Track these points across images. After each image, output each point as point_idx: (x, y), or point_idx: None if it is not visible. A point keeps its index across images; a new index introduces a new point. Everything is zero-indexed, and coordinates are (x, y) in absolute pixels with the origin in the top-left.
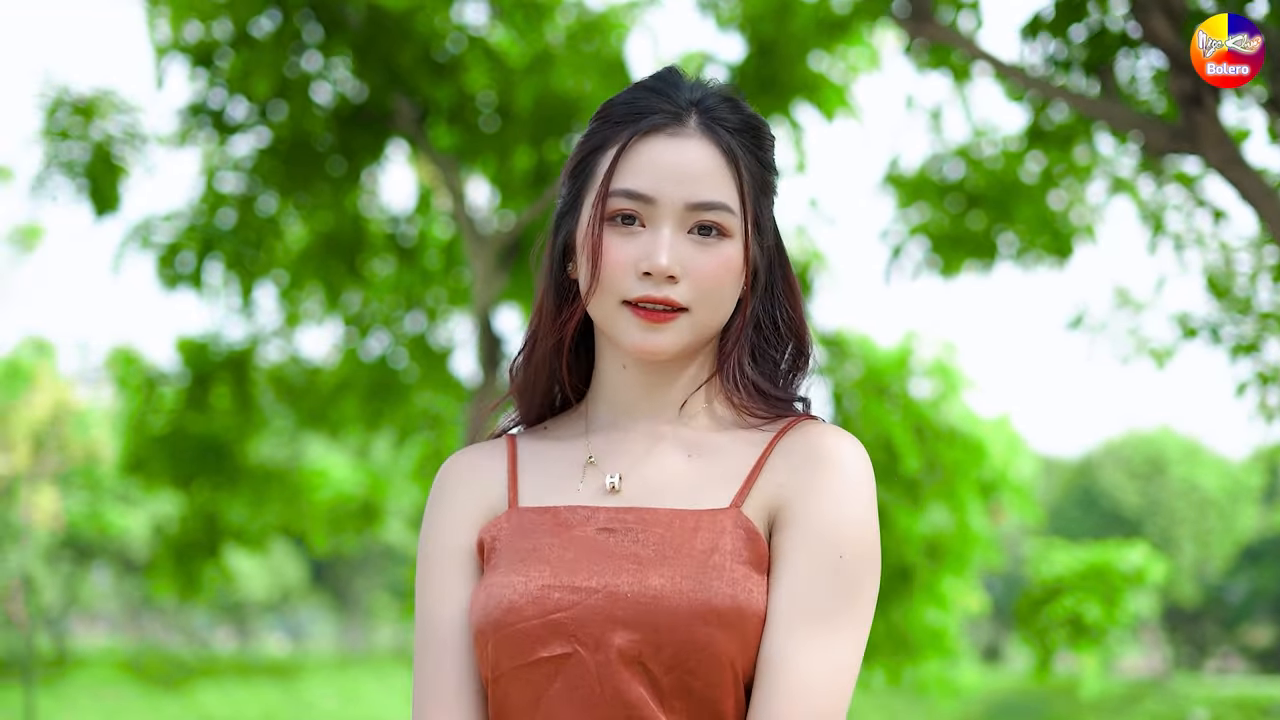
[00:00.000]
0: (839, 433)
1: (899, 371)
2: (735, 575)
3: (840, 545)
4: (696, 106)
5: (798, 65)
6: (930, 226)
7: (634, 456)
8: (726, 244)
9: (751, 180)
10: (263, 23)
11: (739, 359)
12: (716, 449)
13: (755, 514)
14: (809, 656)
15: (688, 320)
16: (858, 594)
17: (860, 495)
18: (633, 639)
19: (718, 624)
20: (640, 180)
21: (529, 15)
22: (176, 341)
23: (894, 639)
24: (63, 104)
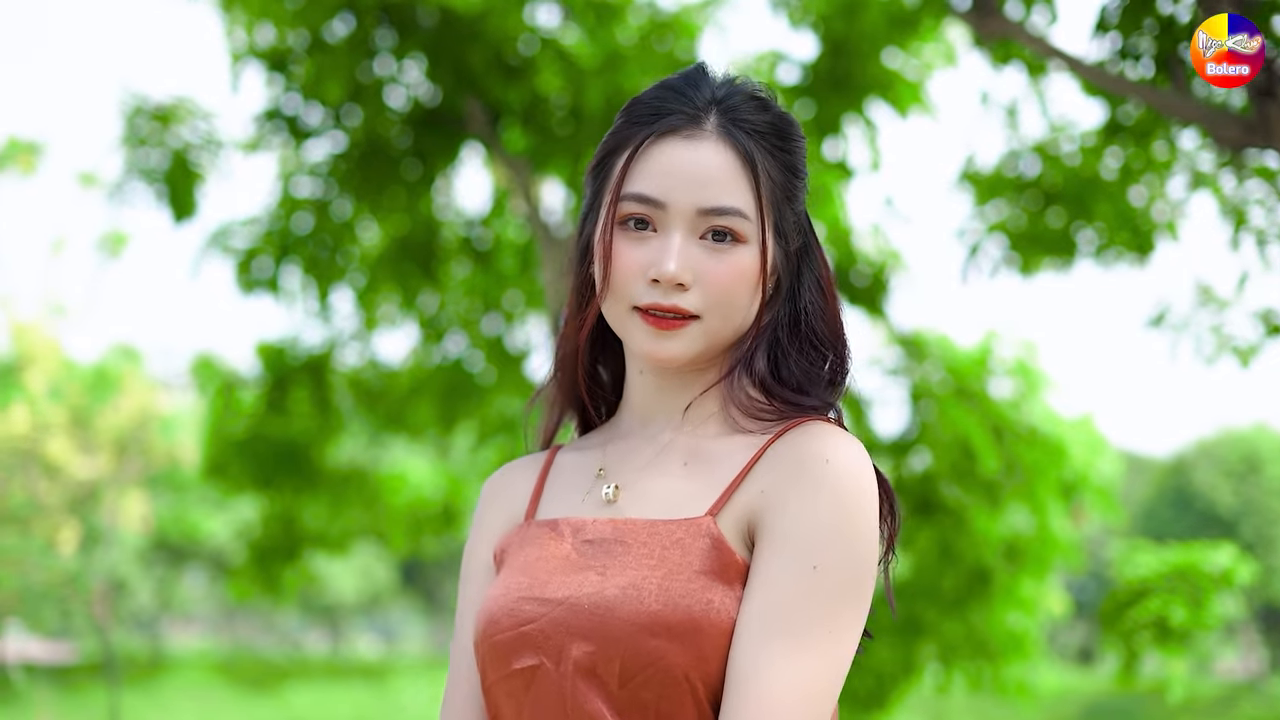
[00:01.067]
0: (832, 436)
1: (979, 372)
2: (692, 587)
3: (814, 555)
4: (718, 106)
5: (870, 63)
6: (1008, 224)
7: (638, 466)
8: (741, 250)
9: (771, 184)
10: (336, 27)
11: (748, 365)
12: (714, 456)
13: (732, 522)
14: (778, 672)
15: (699, 328)
16: (834, 608)
17: (841, 503)
18: (588, 651)
19: (667, 636)
20: (651, 184)
21: (600, 16)
22: (256, 346)
23: (973, 642)
24: (142, 112)
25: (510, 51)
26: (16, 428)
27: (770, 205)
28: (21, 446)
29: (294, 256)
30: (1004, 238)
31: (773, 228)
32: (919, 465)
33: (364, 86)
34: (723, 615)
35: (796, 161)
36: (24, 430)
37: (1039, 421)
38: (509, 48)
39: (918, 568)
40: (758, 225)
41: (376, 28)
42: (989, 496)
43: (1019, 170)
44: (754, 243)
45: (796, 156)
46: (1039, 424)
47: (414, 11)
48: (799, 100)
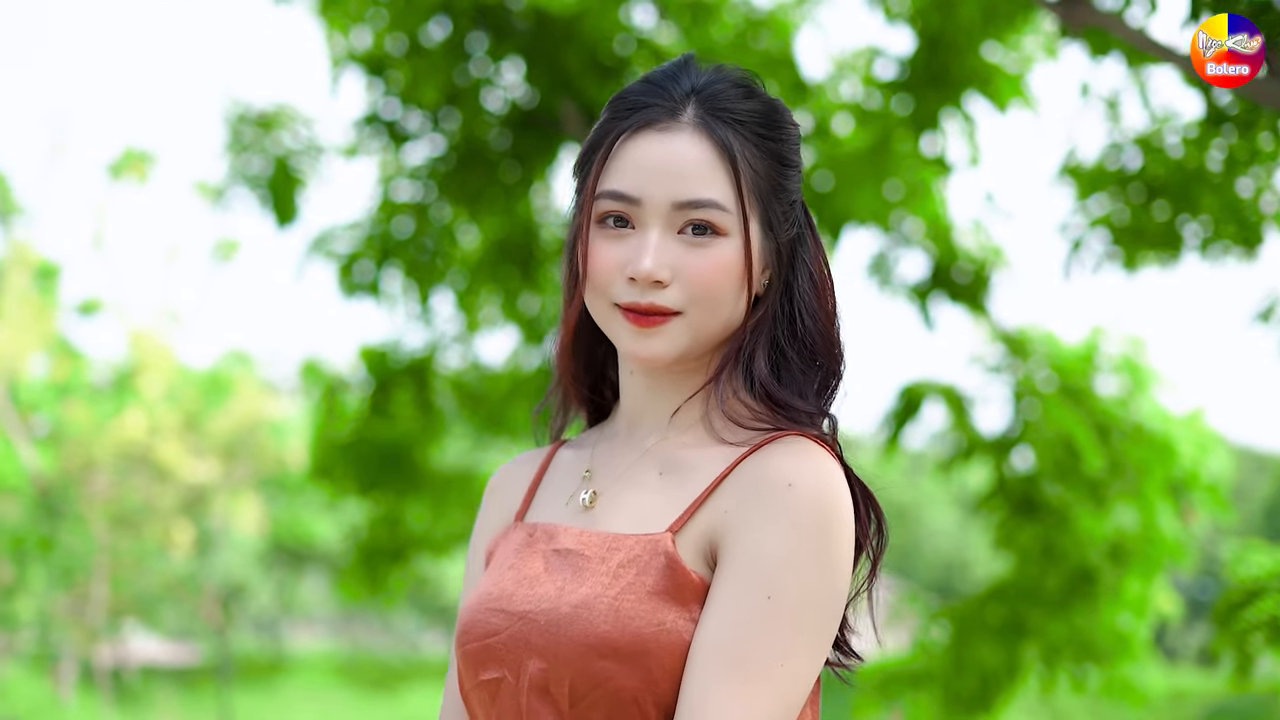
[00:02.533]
0: (802, 456)
1: (1084, 369)
2: (643, 608)
3: (769, 585)
4: (697, 96)
5: (968, 56)
6: (1111, 219)
7: (618, 472)
8: (721, 244)
9: (753, 174)
10: (432, 31)
11: (746, 367)
12: (687, 467)
13: (693, 541)
14: (726, 705)
15: (682, 323)
16: (788, 640)
17: (801, 531)
18: (542, 668)
19: (614, 657)
20: (626, 180)
21: (696, 15)
22: (359, 350)
23: (1076, 643)
24: (245, 119)
25: (605, 52)
26: (131, 432)
27: (754, 196)
28: (135, 451)
29: (395, 260)
30: (1107, 232)
31: (758, 219)
32: (1021, 464)
33: (461, 90)
34: (674, 637)
35: (784, 150)
36: (138, 435)
37: (1146, 419)
38: (604, 48)
39: (1020, 568)
40: (738, 217)
41: (472, 30)
42: (1094, 495)
43: (1121, 163)
44: (736, 235)
45: (785, 145)
46: (1146, 421)
47: (509, 14)
48: (896, 96)
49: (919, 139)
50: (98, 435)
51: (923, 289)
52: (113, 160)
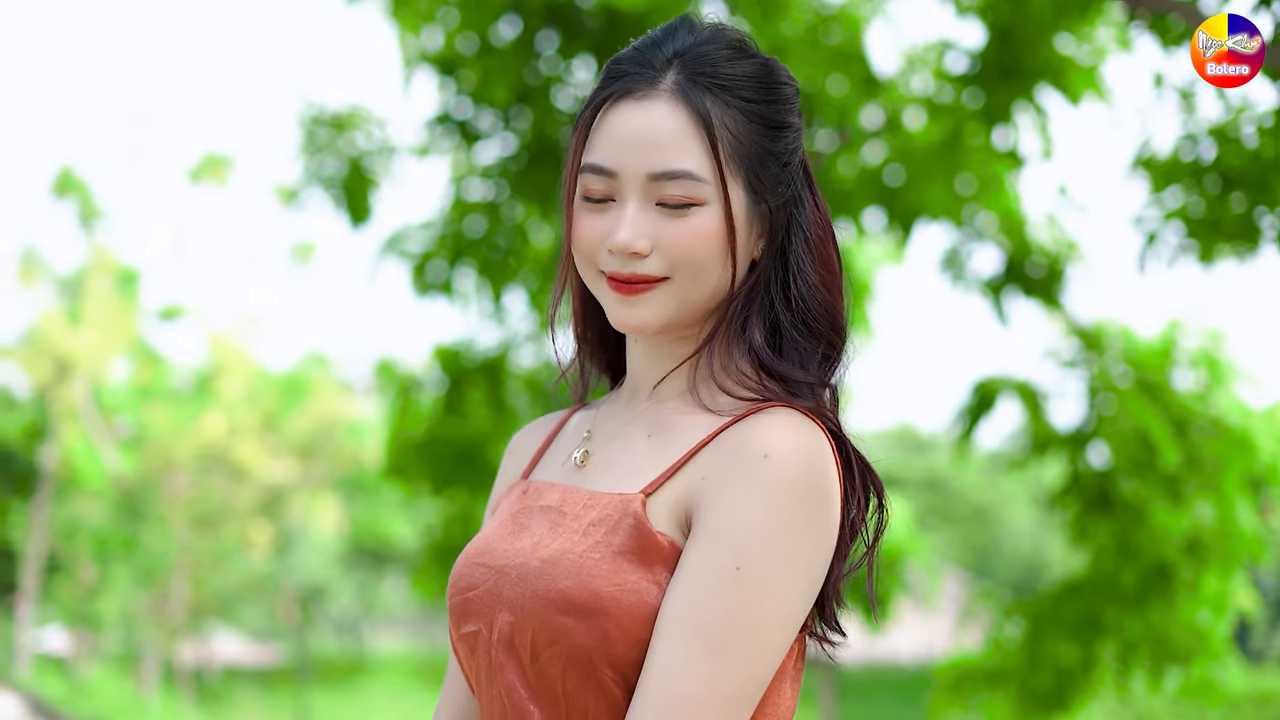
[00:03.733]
0: (784, 427)
1: (1162, 363)
2: (604, 567)
3: (739, 556)
4: (680, 60)
5: (1041, 48)
6: (1186, 210)
7: (611, 433)
8: (700, 212)
9: (735, 140)
10: (503, 30)
11: (740, 333)
12: (675, 431)
13: (667, 505)
14: (688, 672)
15: (668, 290)
16: (755, 611)
17: (775, 502)
18: (509, 622)
19: (573, 614)
20: (603, 154)
21: (766, 10)
22: (433, 349)
23: (1153, 640)
24: (319, 120)
25: None
26: (210, 434)
27: (735, 162)
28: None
29: (467, 259)
30: (1182, 225)
31: (743, 185)
32: (1096, 459)
33: (532, 88)
34: (634, 598)
35: (773, 112)
36: (217, 436)
37: (1225, 413)
38: None
39: (1095, 564)
40: (716, 185)
41: (541, 29)
42: (1170, 491)
43: (1196, 154)
44: (715, 204)
45: (774, 106)
46: (1225, 415)
47: (578, 12)
48: (967, 89)
49: (991, 133)
50: (178, 437)
51: (996, 284)
52: (192, 165)
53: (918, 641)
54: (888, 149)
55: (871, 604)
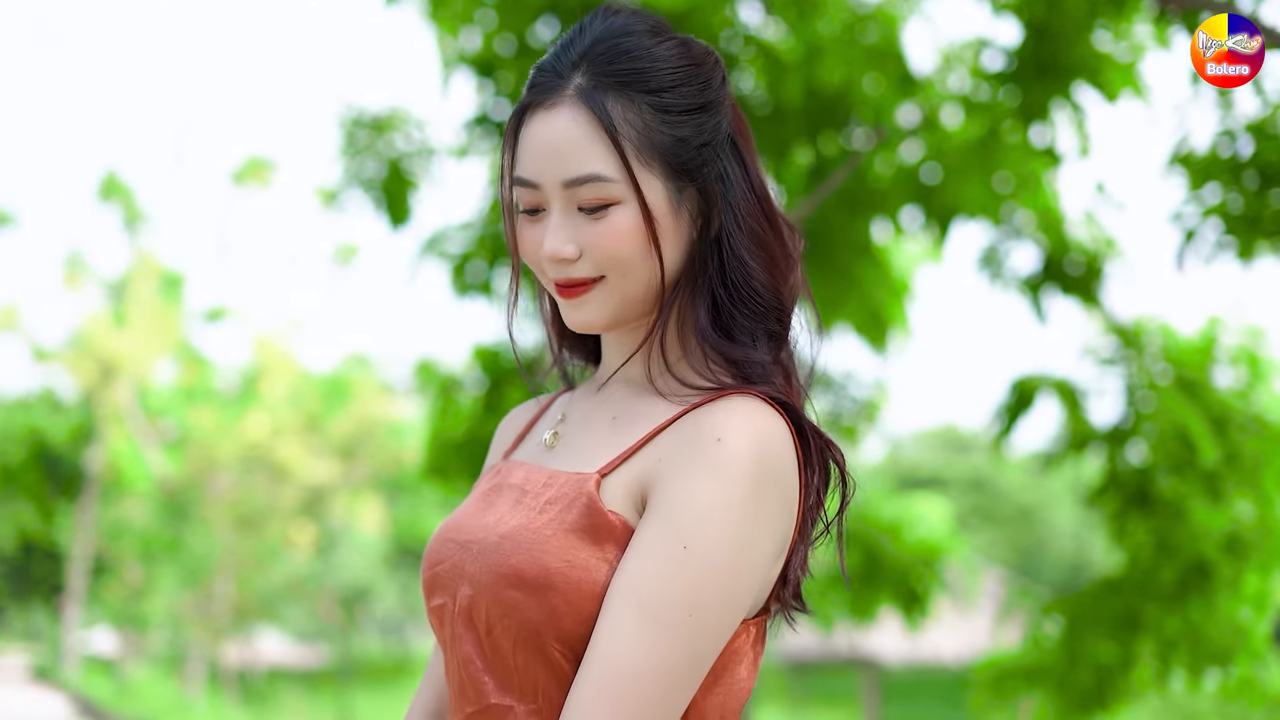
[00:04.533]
0: (739, 412)
1: (1203, 360)
2: (555, 544)
3: (686, 535)
4: (587, 60)
5: (1078, 45)
6: (1225, 207)
7: (580, 416)
8: (617, 211)
9: (642, 133)
10: (540, 31)
11: (670, 321)
12: (637, 415)
13: (623, 486)
14: (628, 648)
15: (605, 288)
16: (699, 591)
17: (725, 485)
18: (469, 594)
19: (523, 588)
20: (525, 166)
21: (802, 10)
22: (473, 349)
23: (1192, 638)
24: (359, 122)
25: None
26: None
27: (646, 154)
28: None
29: (506, 260)
30: (1220, 222)
31: (660, 174)
32: (1135, 457)
33: None
34: (582, 574)
35: (684, 96)
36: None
37: (1266, 409)
38: (712, 45)
39: (1133, 561)
40: (627, 182)
41: None
42: (1210, 488)
43: (1234, 150)
44: (630, 200)
45: (685, 90)
46: (1265, 412)
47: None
48: (1004, 87)
49: (1028, 130)
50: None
51: (1035, 282)
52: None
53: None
54: (924, 147)
55: (843, 572)
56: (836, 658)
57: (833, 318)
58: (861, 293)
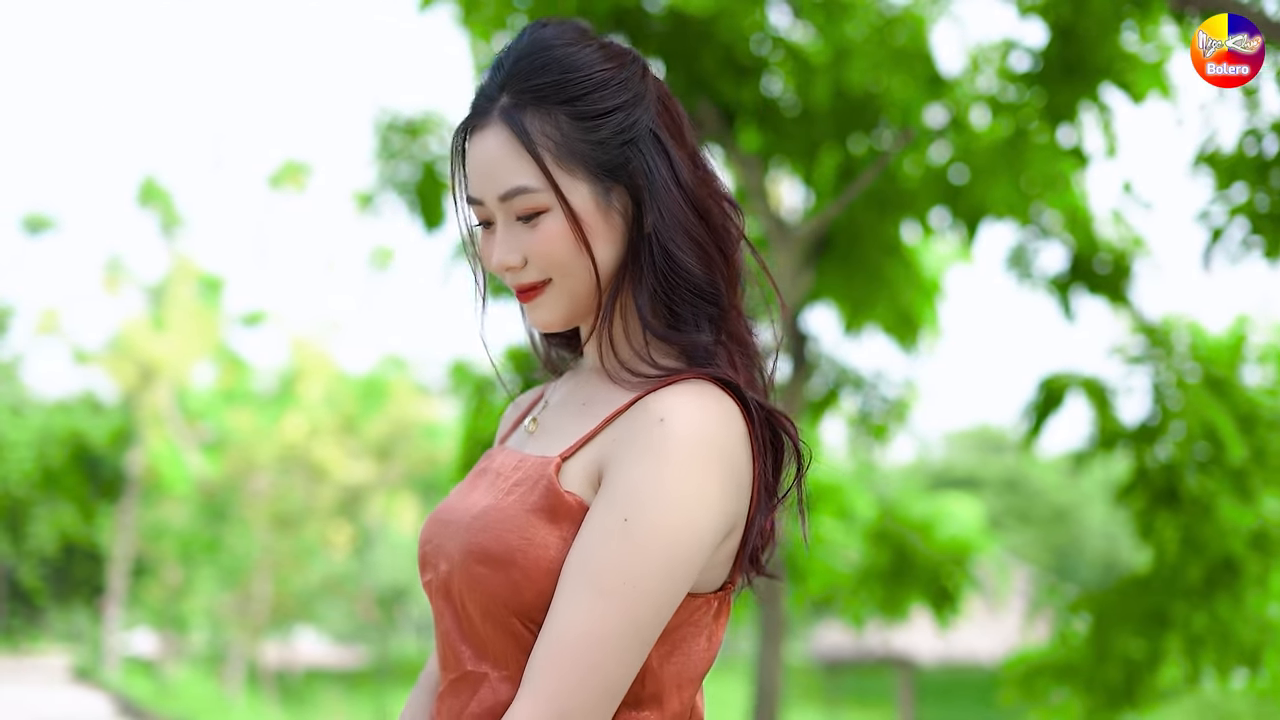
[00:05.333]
0: (682, 395)
1: (1232, 358)
2: (517, 522)
3: (627, 509)
4: (510, 80)
5: (1103, 47)
6: (1251, 206)
7: (558, 402)
8: (546, 218)
9: (560, 143)
10: None
11: (613, 312)
12: (599, 402)
13: (583, 468)
14: (573, 615)
15: (553, 290)
16: (638, 562)
17: (665, 462)
18: (446, 570)
19: (488, 563)
20: (471, 186)
21: (830, 13)
22: (506, 350)
23: (1219, 635)
24: (393, 126)
25: (742, 52)
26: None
27: (566, 160)
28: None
29: None
30: (1247, 221)
31: (585, 176)
32: (1163, 454)
33: None
34: (540, 551)
35: (597, 101)
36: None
37: None
38: (741, 48)
39: (1160, 559)
40: (550, 190)
41: (610, 34)
42: (1238, 485)
43: (1259, 150)
44: (557, 205)
45: (598, 95)
46: None
47: (646, 17)
48: (1031, 88)
49: (1055, 131)
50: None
51: (1062, 281)
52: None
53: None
54: (952, 148)
55: (803, 532)
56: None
57: (863, 318)
58: (891, 293)
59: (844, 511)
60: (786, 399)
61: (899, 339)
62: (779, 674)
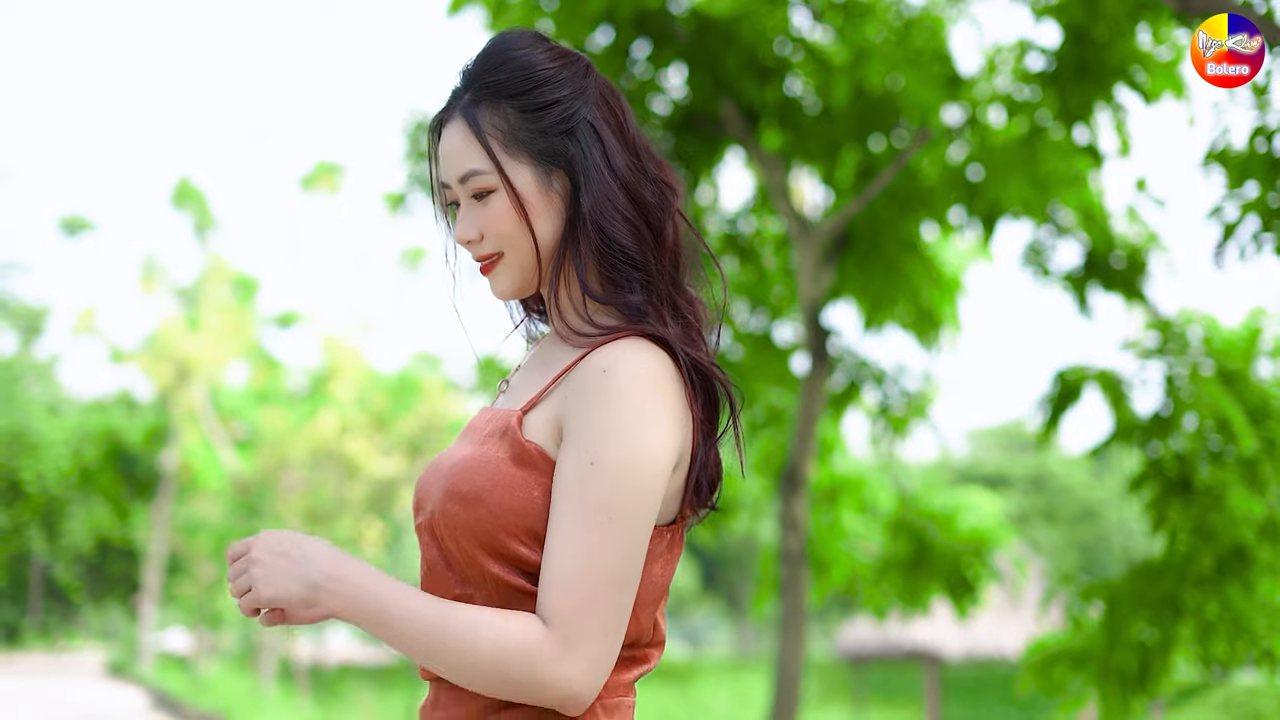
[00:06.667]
0: (621, 349)
1: (1247, 350)
2: (488, 467)
3: (592, 453)
4: (470, 80)
5: (1115, 48)
6: (1266, 202)
7: (526, 364)
8: (494, 197)
9: (505, 132)
10: (597, 38)
11: (559, 280)
12: (555, 362)
13: (543, 420)
14: (565, 548)
15: (505, 262)
16: (611, 496)
17: (615, 407)
18: (429, 511)
19: (460, 502)
20: (440, 171)
21: (849, 15)
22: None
23: (1230, 622)
24: (422, 127)
25: (765, 53)
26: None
27: (515, 146)
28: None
29: None
30: (1259, 218)
31: (528, 160)
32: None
33: (627, 93)
34: (504, 493)
35: (538, 96)
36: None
37: None
38: (763, 50)
39: (1171, 547)
40: (495, 172)
41: (634, 38)
42: (1249, 475)
43: (1270, 148)
44: (502, 186)
45: (539, 91)
46: None
47: (670, 20)
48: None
49: (1070, 130)
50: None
51: (1078, 277)
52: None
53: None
54: (970, 147)
55: (740, 458)
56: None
57: (883, 314)
58: (911, 289)
59: (865, 505)
60: (808, 393)
61: (919, 335)
62: (800, 663)
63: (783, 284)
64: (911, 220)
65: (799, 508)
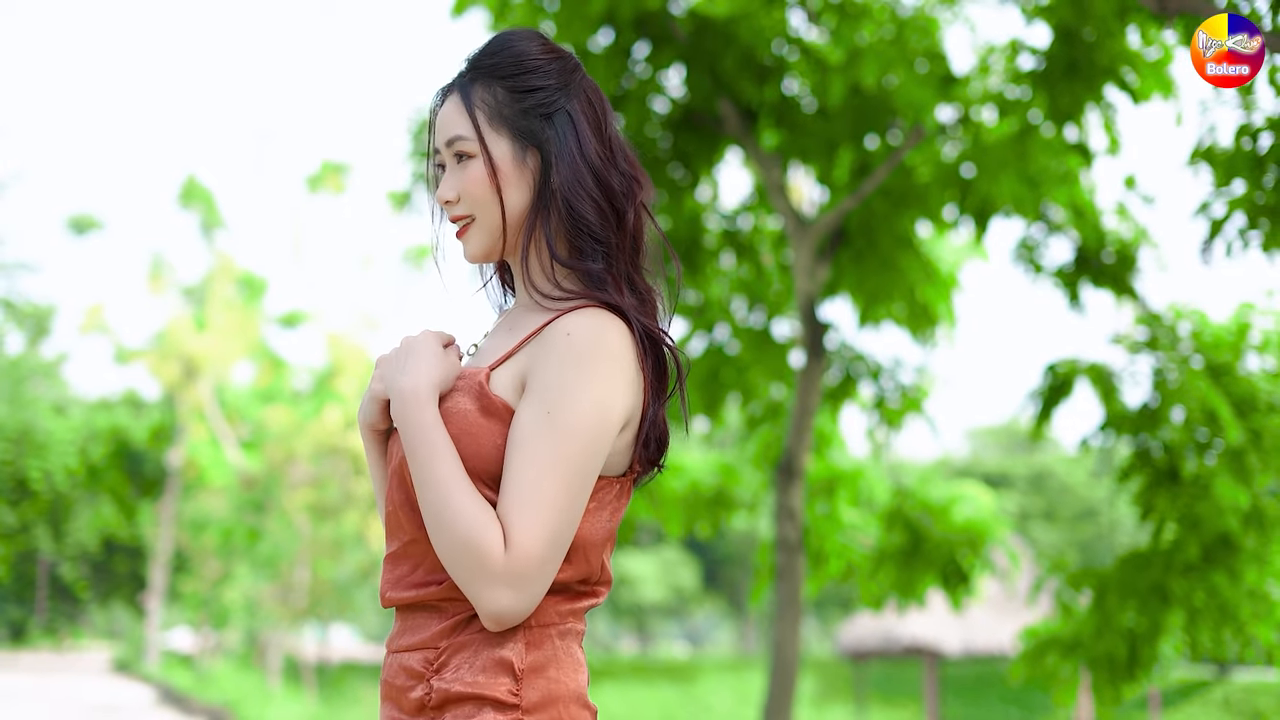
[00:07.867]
0: (583, 315)
1: (1236, 344)
2: (458, 418)
3: (548, 403)
4: (469, 64)
5: (1104, 48)
6: (1249, 199)
7: (495, 329)
8: (472, 162)
9: (492, 107)
10: (598, 39)
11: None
12: (522, 326)
13: (509, 378)
14: (519, 478)
15: (476, 226)
16: (563, 441)
17: (571, 365)
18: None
19: None
20: (435, 137)
21: (845, 17)
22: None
23: (1217, 609)
24: (425, 127)
25: (762, 54)
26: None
27: (494, 121)
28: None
29: None
30: (1245, 215)
31: (507, 135)
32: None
33: (627, 93)
34: (469, 440)
35: (523, 82)
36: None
37: None
38: (761, 50)
39: (1159, 536)
40: (477, 141)
41: (634, 39)
42: (1236, 465)
43: (1255, 146)
44: (480, 154)
45: (524, 78)
46: None
47: (669, 21)
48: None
49: (1061, 128)
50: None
51: (1069, 273)
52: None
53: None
54: (962, 145)
55: (684, 418)
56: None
57: (879, 309)
58: (906, 285)
59: (860, 497)
60: (804, 386)
61: (914, 331)
62: (796, 650)
63: (780, 280)
64: (906, 217)
65: (795, 497)
